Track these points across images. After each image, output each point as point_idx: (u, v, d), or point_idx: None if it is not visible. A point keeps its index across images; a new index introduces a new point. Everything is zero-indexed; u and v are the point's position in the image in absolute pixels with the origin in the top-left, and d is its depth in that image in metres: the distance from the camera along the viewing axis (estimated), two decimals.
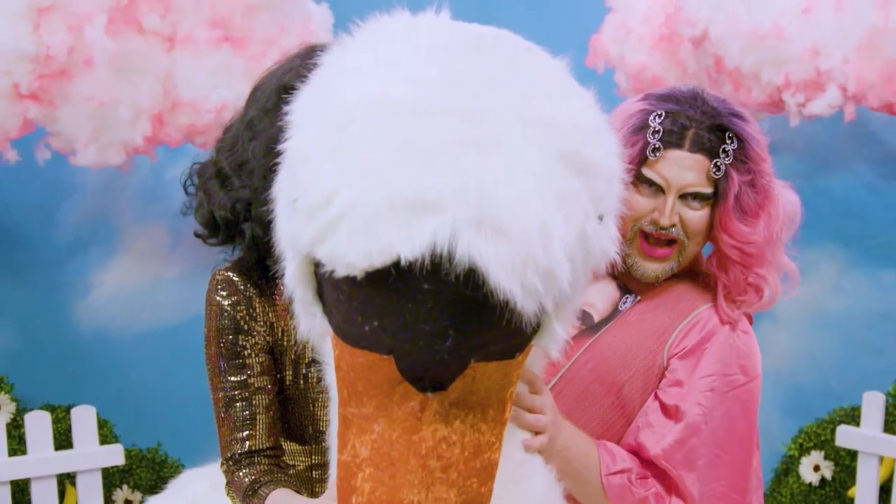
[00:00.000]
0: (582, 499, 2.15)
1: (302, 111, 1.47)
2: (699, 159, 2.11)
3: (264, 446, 2.15)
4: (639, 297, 2.23)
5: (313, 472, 2.24)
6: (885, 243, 3.95)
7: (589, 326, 2.22)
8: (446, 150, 1.28)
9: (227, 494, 2.17)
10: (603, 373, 2.20)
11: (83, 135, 3.23)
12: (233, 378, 2.14)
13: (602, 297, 2.23)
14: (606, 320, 2.23)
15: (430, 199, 1.25)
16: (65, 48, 3.09)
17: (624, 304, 2.23)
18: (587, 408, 2.18)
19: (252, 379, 2.15)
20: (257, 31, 3.36)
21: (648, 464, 2.15)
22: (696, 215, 2.13)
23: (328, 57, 1.50)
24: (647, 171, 2.11)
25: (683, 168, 2.11)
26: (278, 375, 2.17)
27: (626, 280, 2.24)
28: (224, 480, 2.17)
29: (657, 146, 2.10)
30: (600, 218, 1.46)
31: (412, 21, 1.50)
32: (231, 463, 2.14)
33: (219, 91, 2.32)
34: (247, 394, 2.15)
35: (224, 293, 2.15)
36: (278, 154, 1.61)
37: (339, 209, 1.29)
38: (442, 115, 1.31)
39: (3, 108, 3.18)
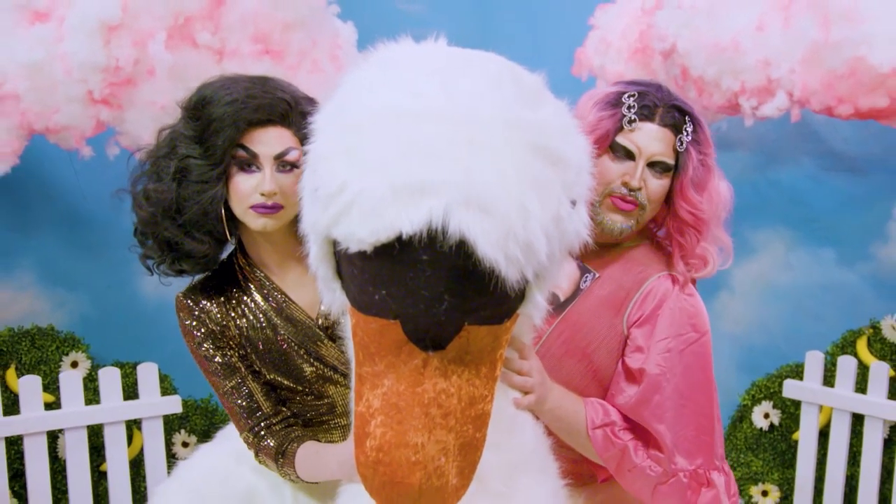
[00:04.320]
0: (577, 448, 2.18)
1: (322, 120, 1.51)
2: (667, 133, 2.15)
3: (271, 412, 2.20)
4: (597, 275, 2.24)
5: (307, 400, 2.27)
6: (825, 226, 3.94)
7: (556, 305, 2.23)
8: (439, 146, 1.32)
9: (261, 462, 2.22)
10: (573, 346, 2.22)
11: (147, 134, 3.22)
12: (225, 381, 2.20)
13: (565, 277, 2.24)
14: (571, 298, 2.24)
15: (426, 185, 1.29)
16: (131, 60, 3.09)
17: (584, 282, 2.24)
18: (562, 377, 2.19)
19: (239, 372, 2.20)
20: (293, 45, 3.36)
21: (627, 420, 2.17)
22: (658, 184, 2.16)
23: (346, 76, 1.53)
24: (621, 139, 2.15)
25: (654, 139, 2.14)
26: (251, 352, 2.22)
27: (587, 257, 2.25)
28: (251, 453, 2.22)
29: (633, 118, 2.14)
30: (573, 203, 1.49)
31: (415, 47, 1.53)
32: (252, 436, 2.20)
33: None
34: (241, 384, 2.20)
35: (186, 318, 2.21)
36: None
37: (350, 196, 1.34)
38: (436, 118, 1.34)
39: (79, 111, 3.18)
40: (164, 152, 2.13)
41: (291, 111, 2.16)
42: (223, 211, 2.10)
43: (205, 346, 2.18)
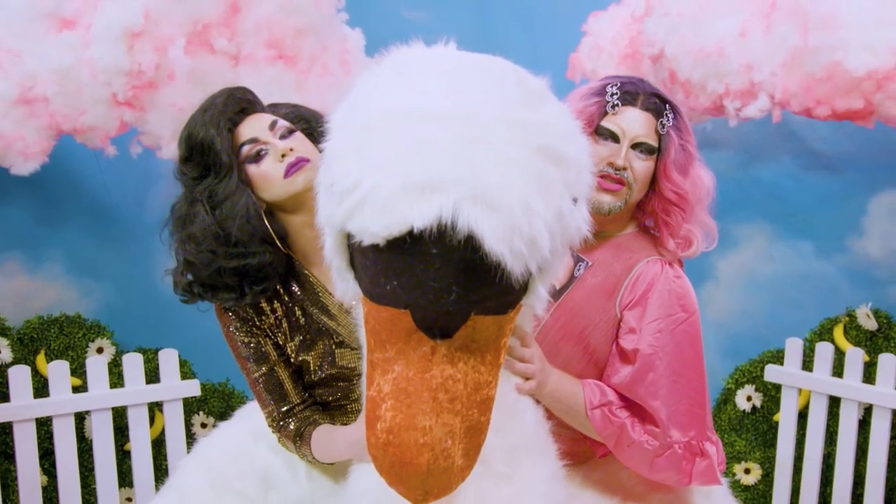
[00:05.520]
0: (577, 427, 2.18)
1: (336, 120, 1.49)
2: (648, 117, 2.16)
3: (298, 400, 2.19)
4: (590, 263, 2.23)
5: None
6: (803, 220, 3.93)
7: (551, 293, 2.23)
8: (448, 145, 1.30)
9: (282, 444, 2.21)
10: (569, 331, 2.21)
11: (167, 134, 3.23)
12: (255, 367, 2.17)
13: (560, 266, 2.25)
14: (566, 286, 2.23)
15: (435, 182, 1.28)
16: (152, 65, 3.08)
17: (578, 270, 2.23)
18: (560, 360, 2.18)
19: (270, 359, 2.18)
20: (304, 50, 3.35)
21: (627, 398, 2.17)
22: (643, 165, 2.16)
23: (359, 79, 1.52)
24: (606, 123, 2.16)
25: (636, 121, 2.15)
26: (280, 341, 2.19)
27: (577, 249, 2.25)
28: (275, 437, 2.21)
29: (616, 103, 2.15)
30: (574, 201, 1.48)
31: (425, 50, 1.52)
32: (278, 422, 2.17)
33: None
34: (271, 372, 2.18)
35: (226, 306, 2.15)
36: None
37: (363, 192, 1.33)
38: (445, 118, 1.33)
39: (104, 112, 3.17)
40: (185, 208, 2.10)
41: (254, 97, 2.19)
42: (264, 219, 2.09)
43: (239, 332, 2.16)
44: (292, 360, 2.19)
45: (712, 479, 2.20)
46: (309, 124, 2.19)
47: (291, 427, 2.15)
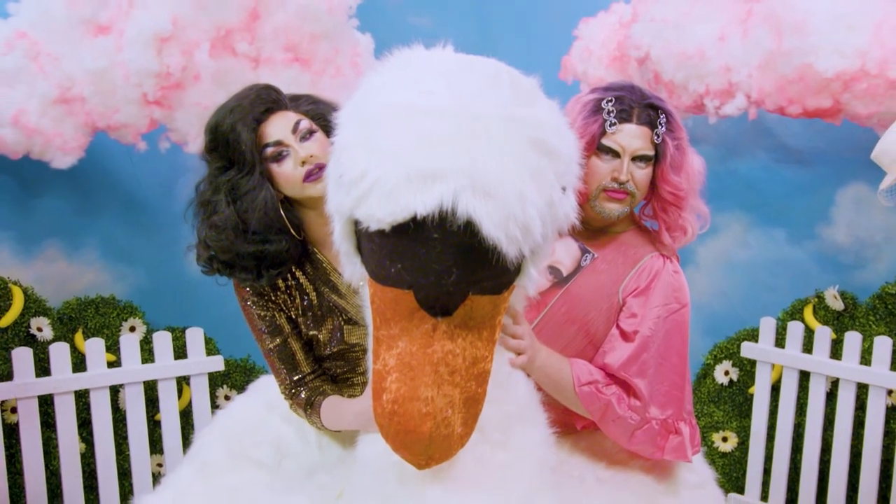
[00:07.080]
0: (562, 401, 2.17)
1: (344, 116, 1.49)
2: (644, 130, 2.14)
3: (309, 370, 2.18)
4: (595, 255, 2.24)
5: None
6: (776, 210, 3.92)
7: (559, 279, 2.23)
8: (448, 138, 1.31)
9: (294, 411, 2.21)
10: (574, 314, 2.22)
11: (193, 130, 3.23)
12: (269, 339, 2.17)
13: (568, 256, 2.25)
14: (573, 274, 2.23)
15: (437, 172, 1.29)
16: (180, 67, 3.08)
17: (585, 260, 2.24)
18: (562, 341, 2.19)
19: (284, 332, 2.17)
20: (319, 53, 3.35)
21: (611, 376, 2.17)
22: (643, 173, 2.16)
23: (366, 78, 1.52)
24: (606, 142, 2.14)
25: (634, 137, 2.13)
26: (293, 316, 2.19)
27: (584, 241, 2.25)
28: (287, 404, 2.21)
29: (613, 122, 2.13)
30: (563, 189, 1.48)
31: (425, 52, 1.52)
32: (290, 390, 2.17)
33: None
34: (284, 344, 2.17)
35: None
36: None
37: (370, 182, 1.34)
38: (444, 114, 1.33)
39: (136, 111, 3.18)
40: (208, 194, 2.10)
41: (280, 96, 2.16)
42: (281, 210, 2.09)
43: (255, 306, 2.15)
44: (303, 334, 2.19)
45: (682, 456, 2.22)
46: (328, 122, 2.20)
47: (303, 395, 2.16)
